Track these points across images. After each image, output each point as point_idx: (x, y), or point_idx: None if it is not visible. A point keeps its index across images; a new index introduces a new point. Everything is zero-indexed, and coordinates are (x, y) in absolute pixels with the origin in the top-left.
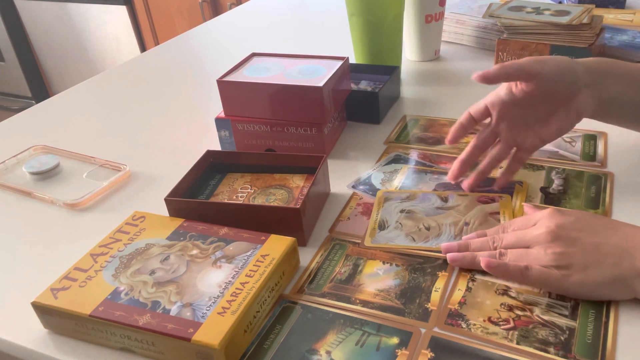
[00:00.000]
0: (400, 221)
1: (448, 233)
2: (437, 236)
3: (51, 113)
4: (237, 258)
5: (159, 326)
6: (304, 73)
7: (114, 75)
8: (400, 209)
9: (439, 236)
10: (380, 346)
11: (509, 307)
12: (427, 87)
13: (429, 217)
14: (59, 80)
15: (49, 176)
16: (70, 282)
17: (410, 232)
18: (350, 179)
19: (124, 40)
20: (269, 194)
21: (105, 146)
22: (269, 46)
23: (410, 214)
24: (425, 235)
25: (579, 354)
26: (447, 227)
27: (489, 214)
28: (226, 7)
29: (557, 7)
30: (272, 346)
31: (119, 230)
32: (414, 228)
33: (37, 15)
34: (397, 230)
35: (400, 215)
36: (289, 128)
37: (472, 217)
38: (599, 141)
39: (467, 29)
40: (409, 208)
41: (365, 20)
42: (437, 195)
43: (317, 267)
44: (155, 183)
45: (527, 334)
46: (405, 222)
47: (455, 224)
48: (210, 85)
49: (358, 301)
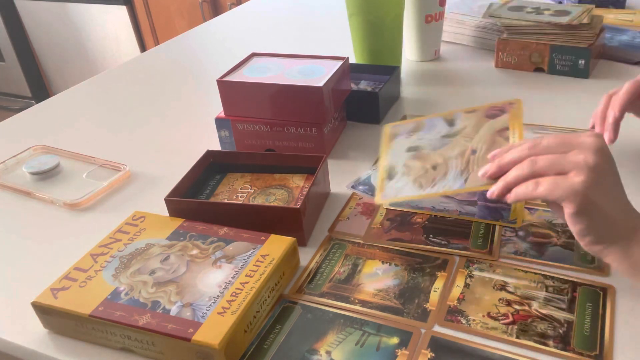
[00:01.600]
0: (407, 164)
1: (454, 170)
2: (444, 175)
3: (51, 113)
4: (237, 258)
5: (159, 326)
6: (304, 73)
7: (114, 75)
8: (407, 147)
9: (445, 175)
10: (380, 346)
11: (507, 302)
12: (427, 87)
13: (436, 152)
14: (59, 80)
15: (48, 176)
16: (70, 282)
17: (418, 176)
18: (350, 179)
19: (124, 40)
20: (269, 194)
21: (105, 146)
22: (269, 46)
23: (417, 151)
24: (432, 177)
25: (578, 347)
26: (453, 161)
27: (497, 132)
28: (226, 7)
29: (557, 7)
30: (272, 346)
31: (119, 230)
32: (421, 171)
33: (37, 15)
34: (404, 177)
35: (407, 156)
36: (289, 128)
37: (479, 142)
38: None
39: (467, 29)
40: (415, 144)
41: (365, 20)
42: (443, 119)
43: (316, 267)
44: (155, 183)
45: (526, 328)
46: (412, 164)
47: (462, 155)
48: (210, 85)
49: (357, 301)
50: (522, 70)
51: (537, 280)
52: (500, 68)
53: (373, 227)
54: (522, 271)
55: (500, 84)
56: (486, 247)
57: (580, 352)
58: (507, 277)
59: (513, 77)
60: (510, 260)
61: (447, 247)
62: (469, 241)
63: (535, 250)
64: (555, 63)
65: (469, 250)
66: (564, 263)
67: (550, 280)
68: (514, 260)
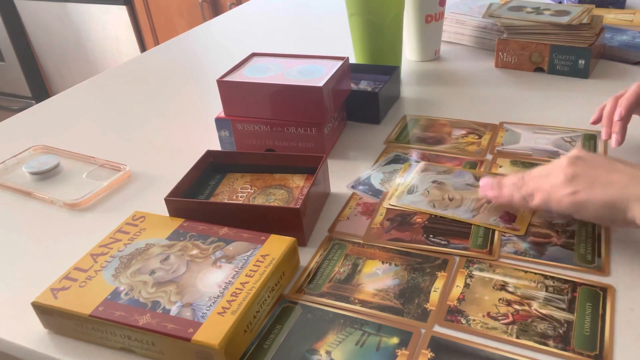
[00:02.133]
0: (429, 189)
1: (467, 206)
2: (457, 207)
3: (51, 113)
4: (237, 258)
5: (159, 326)
6: (304, 73)
7: (114, 75)
8: (433, 180)
9: (458, 207)
10: (380, 346)
11: (507, 302)
12: (427, 87)
13: (456, 190)
14: (59, 80)
15: (48, 176)
16: (70, 282)
17: (434, 199)
18: (350, 179)
19: (124, 40)
20: (269, 194)
21: (105, 146)
22: (269, 46)
23: (440, 185)
24: (446, 204)
25: (578, 347)
26: (469, 201)
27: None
28: (226, 7)
29: (557, 7)
30: (272, 346)
31: (119, 230)
32: (438, 197)
33: (37, 15)
34: (422, 197)
35: (431, 185)
36: (289, 128)
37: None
38: (599, 140)
39: (467, 29)
40: (441, 180)
41: (365, 20)
42: (472, 174)
43: (316, 267)
44: (155, 183)
45: (527, 328)
46: (432, 191)
47: (478, 200)
48: (210, 85)
49: (357, 301)
50: (522, 70)
51: (537, 280)
52: (500, 68)
53: (373, 227)
54: (522, 271)
55: (500, 84)
56: (486, 247)
57: (580, 352)
58: (507, 277)
59: (513, 77)
60: (510, 260)
61: (447, 247)
62: (469, 241)
63: (535, 250)
64: (555, 63)
65: (469, 250)
66: (564, 263)
67: (550, 280)
68: (514, 260)
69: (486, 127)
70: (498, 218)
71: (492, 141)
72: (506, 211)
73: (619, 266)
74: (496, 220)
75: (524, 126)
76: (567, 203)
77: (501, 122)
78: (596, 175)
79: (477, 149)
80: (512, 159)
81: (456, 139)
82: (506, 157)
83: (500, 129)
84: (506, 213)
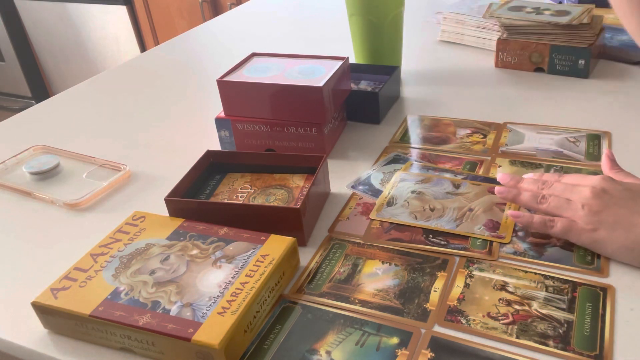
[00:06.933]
0: (409, 200)
1: (450, 216)
2: (439, 217)
3: (51, 113)
4: (237, 258)
5: (159, 326)
6: (304, 73)
7: (114, 75)
8: (412, 190)
9: (441, 217)
10: (380, 346)
11: (507, 302)
12: (427, 87)
13: (437, 200)
14: (59, 80)
15: (49, 176)
16: (70, 282)
17: (415, 211)
18: (350, 179)
19: (124, 40)
20: (269, 194)
21: (106, 146)
22: (269, 46)
23: (420, 195)
24: (427, 215)
25: (578, 347)
26: (450, 210)
27: (495, 204)
28: (226, 7)
29: (557, 7)
30: (272, 346)
31: (119, 230)
32: (419, 208)
33: (37, 15)
34: (403, 208)
35: (410, 195)
36: (289, 128)
37: (478, 205)
38: (603, 141)
39: (467, 29)
40: (420, 190)
41: (365, 20)
42: (451, 182)
43: (316, 266)
44: (155, 183)
45: (526, 328)
46: (412, 202)
47: (460, 209)
48: (210, 85)
49: (357, 301)
50: (522, 70)
51: (537, 280)
52: (500, 68)
53: (373, 227)
54: (522, 271)
55: (500, 84)
56: (486, 247)
57: (580, 352)
58: (507, 277)
59: (513, 77)
60: (510, 260)
61: (447, 247)
62: (468, 241)
63: (534, 250)
64: (555, 63)
65: (468, 251)
66: (564, 263)
67: (550, 280)
68: (513, 260)
69: (490, 126)
70: (482, 226)
71: (497, 140)
72: (489, 219)
73: (619, 267)
74: (481, 229)
75: (528, 126)
76: (587, 238)
77: (504, 122)
78: (620, 215)
79: (483, 148)
80: (512, 159)
81: (461, 139)
82: (510, 158)
83: (503, 129)
84: (490, 221)
